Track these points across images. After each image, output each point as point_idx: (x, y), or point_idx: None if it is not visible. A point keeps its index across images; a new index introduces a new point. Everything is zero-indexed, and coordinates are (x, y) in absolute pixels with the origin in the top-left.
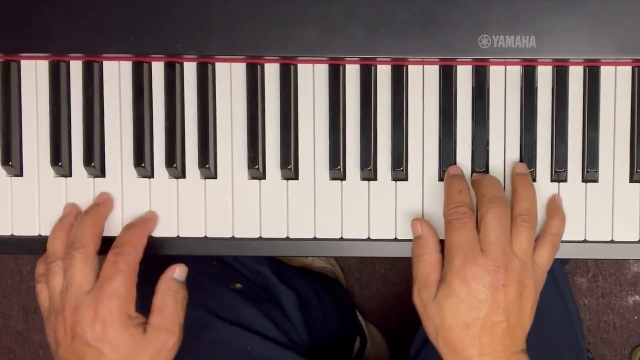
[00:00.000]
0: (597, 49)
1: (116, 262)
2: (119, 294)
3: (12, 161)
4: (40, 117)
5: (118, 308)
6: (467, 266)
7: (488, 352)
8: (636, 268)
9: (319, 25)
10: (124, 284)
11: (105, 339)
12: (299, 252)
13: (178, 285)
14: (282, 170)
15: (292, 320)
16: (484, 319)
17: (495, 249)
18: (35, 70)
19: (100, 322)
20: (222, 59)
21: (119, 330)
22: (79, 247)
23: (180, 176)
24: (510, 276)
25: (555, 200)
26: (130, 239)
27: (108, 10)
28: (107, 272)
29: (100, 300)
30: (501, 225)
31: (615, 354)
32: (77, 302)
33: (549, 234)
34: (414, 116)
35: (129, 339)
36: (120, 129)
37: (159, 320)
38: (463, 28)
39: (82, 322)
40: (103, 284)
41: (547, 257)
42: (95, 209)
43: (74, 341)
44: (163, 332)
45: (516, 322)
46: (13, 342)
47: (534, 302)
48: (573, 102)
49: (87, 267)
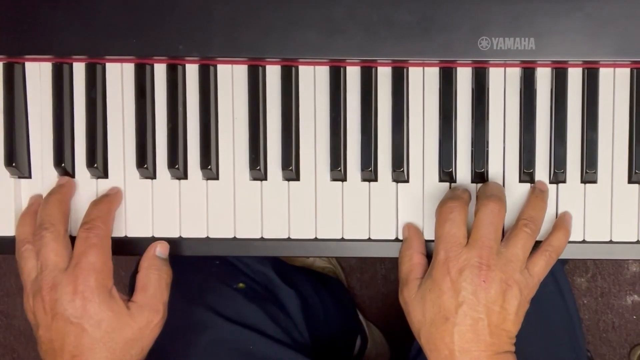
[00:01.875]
0: (596, 51)
1: (88, 238)
2: (95, 268)
3: (15, 162)
4: (43, 118)
5: (96, 282)
6: (450, 259)
7: (468, 349)
8: (635, 268)
9: (319, 28)
10: (99, 258)
11: (86, 315)
12: (300, 252)
13: (161, 262)
14: (284, 171)
15: (294, 320)
16: (463, 313)
17: (481, 245)
18: (39, 72)
19: (80, 298)
20: (223, 60)
21: (99, 305)
22: (48, 227)
23: (182, 177)
24: (492, 274)
25: (565, 216)
26: (99, 213)
27: (111, 13)
28: (81, 248)
29: (77, 276)
30: (492, 223)
31: (614, 353)
32: (54, 280)
33: (548, 244)
34: (414, 117)
35: (110, 314)
36: (122, 131)
37: (142, 298)
38: (463, 30)
39: (61, 300)
40: (78, 259)
41: (541, 266)
42: (59, 189)
43: (54, 320)
44: (147, 309)
45: (498, 322)
46: (17, 342)
47: (520, 306)
48: (572, 104)
49: (59, 245)
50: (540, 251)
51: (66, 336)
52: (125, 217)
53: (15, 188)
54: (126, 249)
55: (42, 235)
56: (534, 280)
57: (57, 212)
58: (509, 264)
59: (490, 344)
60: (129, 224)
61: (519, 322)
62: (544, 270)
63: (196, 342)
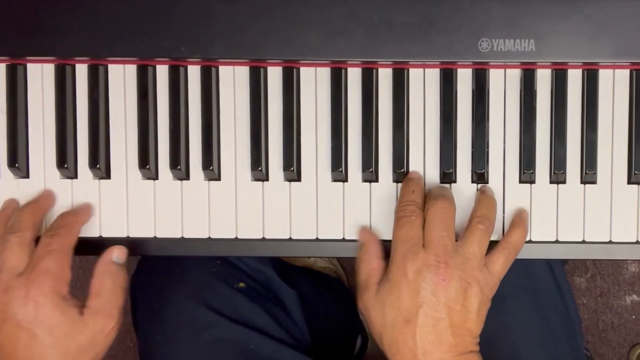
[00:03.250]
0: (596, 52)
1: (49, 244)
2: (50, 273)
3: (18, 163)
4: (46, 119)
5: (50, 288)
6: (407, 260)
7: (431, 351)
8: (634, 268)
9: (321, 29)
10: (57, 264)
11: (38, 320)
12: (301, 252)
13: (117, 267)
14: (285, 172)
15: (294, 319)
16: (424, 314)
17: (436, 244)
18: (41, 73)
19: (32, 303)
20: (225, 62)
21: (52, 311)
22: (16, 231)
23: (184, 178)
24: (450, 272)
25: (522, 213)
26: (64, 223)
27: (113, 14)
28: (39, 253)
29: (32, 280)
30: (443, 220)
31: (613, 353)
32: (8, 283)
33: (506, 242)
34: (415, 119)
35: (62, 320)
36: (125, 132)
37: (96, 304)
38: (463, 32)
39: (13, 303)
40: (35, 264)
41: (500, 264)
42: (36, 200)
43: (5, 323)
44: (101, 315)
45: (460, 322)
46: None
47: (482, 304)
48: (572, 105)
49: (21, 250)
50: (499, 249)
51: (17, 341)
52: (127, 218)
53: (18, 189)
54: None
55: (8, 239)
56: (494, 278)
57: (29, 219)
58: (467, 262)
59: (454, 345)
60: (131, 224)
61: (481, 321)
62: (503, 268)
63: (197, 341)
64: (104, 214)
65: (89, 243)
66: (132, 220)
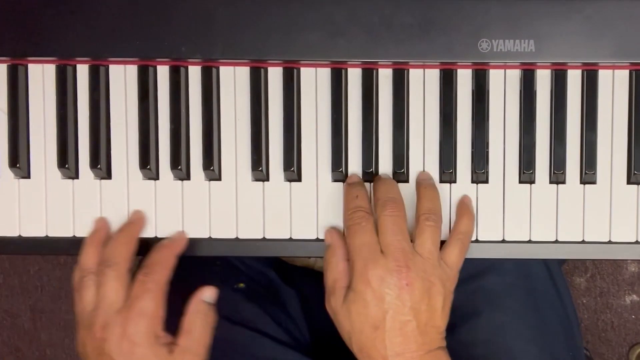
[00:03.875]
0: (595, 52)
1: (145, 282)
2: (146, 313)
3: (19, 163)
4: (47, 120)
5: (146, 327)
6: (369, 269)
7: (400, 352)
8: (634, 268)
9: (321, 30)
10: (152, 304)
11: (132, 358)
12: (302, 252)
13: (207, 307)
14: (285, 172)
15: (294, 319)
16: (391, 319)
17: (393, 249)
18: (42, 74)
19: (128, 341)
20: (226, 62)
21: (145, 350)
22: (112, 265)
23: (185, 178)
24: (412, 274)
25: (464, 200)
26: (159, 259)
27: (114, 15)
28: (136, 292)
29: (128, 319)
30: (396, 225)
31: (613, 353)
32: (106, 320)
33: (457, 232)
34: (415, 119)
35: (154, 359)
36: (126, 132)
37: (186, 342)
38: (463, 32)
39: (110, 340)
40: (132, 303)
41: (456, 255)
42: (129, 227)
43: (100, 357)
44: (189, 354)
45: (427, 320)
46: (21, 341)
47: (445, 299)
48: (571, 105)
49: (119, 284)
50: (453, 240)
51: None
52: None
53: (19, 189)
54: None
55: (105, 273)
56: (453, 270)
57: (124, 251)
58: (426, 262)
59: (422, 343)
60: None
61: (446, 316)
62: (459, 258)
63: None
64: (104, 214)
65: None
66: None
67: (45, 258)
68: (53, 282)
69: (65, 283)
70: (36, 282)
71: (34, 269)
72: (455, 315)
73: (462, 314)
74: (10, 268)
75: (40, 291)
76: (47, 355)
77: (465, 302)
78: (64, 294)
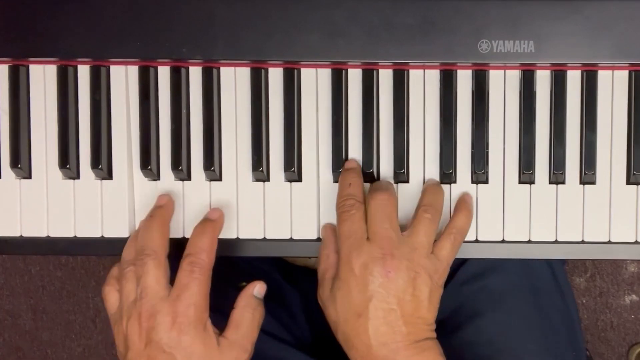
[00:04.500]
0: (595, 53)
1: (192, 271)
2: (195, 302)
3: (21, 164)
4: (48, 120)
5: (195, 316)
6: (353, 255)
7: (385, 342)
8: (633, 268)
9: (322, 31)
10: (200, 292)
11: (180, 346)
12: (302, 252)
13: (256, 302)
14: (286, 173)
15: (296, 319)
16: (374, 307)
17: (379, 237)
18: (43, 74)
19: (177, 329)
20: (226, 63)
21: (193, 338)
22: (150, 254)
23: (185, 178)
24: (397, 263)
25: (464, 197)
26: (204, 246)
27: (115, 16)
28: (184, 280)
29: (177, 307)
30: (384, 213)
31: (612, 352)
32: (153, 308)
33: (452, 227)
34: (415, 119)
35: (202, 348)
36: (127, 132)
37: (234, 336)
38: (463, 33)
39: (158, 329)
40: (180, 292)
41: (447, 250)
42: (160, 212)
43: (147, 346)
44: (236, 347)
45: (412, 311)
46: (22, 341)
47: (432, 291)
48: (571, 106)
49: (159, 272)
50: (445, 235)
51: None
52: (130, 218)
53: (20, 189)
54: None
55: (145, 262)
56: (443, 264)
57: (159, 237)
58: (414, 252)
59: (407, 334)
60: (135, 224)
61: (434, 308)
62: (450, 252)
63: None
64: (105, 215)
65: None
66: (136, 221)
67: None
68: (54, 282)
69: (67, 283)
70: (37, 282)
71: (35, 269)
72: (459, 315)
73: (466, 314)
74: (11, 268)
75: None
76: (48, 355)
77: (469, 302)
78: (65, 294)
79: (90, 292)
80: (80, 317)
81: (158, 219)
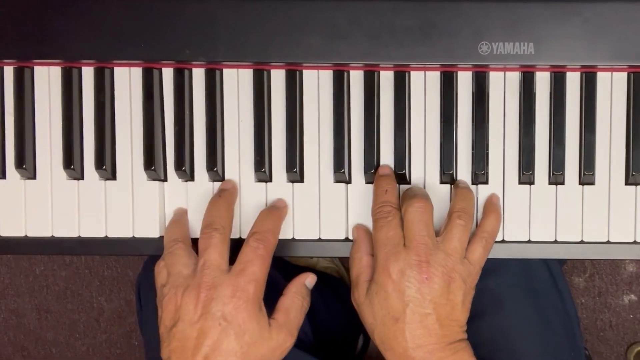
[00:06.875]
0: (594, 55)
1: (257, 248)
2: (256, 278)
3: (25, 164)
4: (53, 121)
5: (254, 293)
6: (390, 262)
7: (421, 344)
8: (632, 268)
9: (323, 33)
10: (261, 270)
11: (235, 321)
12: (304, 252)
13: (307, 291)
14: (288, 173)
15: None
16: (411, 312)
17: (416, 244)
18: (48, 76)
19: (234, 305)
20: (229, 65)
21: (249, 316)
22: (219, 228)
23: (189, 179)
24: (433, 269)
25: (492, 199)
26: (270, 226)
27: (119, 18)
28: (249, 257)
29: (239, 281)
30: (421, 220)
31: (611, 352)
32: (214, 280)
33: (482, 230)
34: (416, 120)
35: (255, 326)
36: (130, 133)
37: (283, 319)
38: (463, 35)
39: (217, 300)
40: (244, 267)
41: (479, 253)
42: (228, 193)
43: (202, 318)
44: (285, 330)
45: (447, 314)
46: (26, 340)
47: (466, 295)
48: (570, 107)
49: (224, 247)
50: (477, 238)
51: (208, 336)
52: (132, 219)
53: (25, 190)
54: (134, 249)
55: (212, 235)
56: (475, 267)
57: (226, 214)
58: (449, 258)
59: (442, 336)
60: (136, 224)
61: (467, 310)
62: (482, 256)
63: None
64: (110, 215)
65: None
66: (137, 220)
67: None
68: (59, 282)
69: (71, 283)
70: (42, 282)
71: (40, 269)
72: None
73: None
74: (16, 268)
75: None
76: (53, 354)
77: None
78: (69, 294)
79: (94, 291)
80: (85, 316)
81: (227, 198)
